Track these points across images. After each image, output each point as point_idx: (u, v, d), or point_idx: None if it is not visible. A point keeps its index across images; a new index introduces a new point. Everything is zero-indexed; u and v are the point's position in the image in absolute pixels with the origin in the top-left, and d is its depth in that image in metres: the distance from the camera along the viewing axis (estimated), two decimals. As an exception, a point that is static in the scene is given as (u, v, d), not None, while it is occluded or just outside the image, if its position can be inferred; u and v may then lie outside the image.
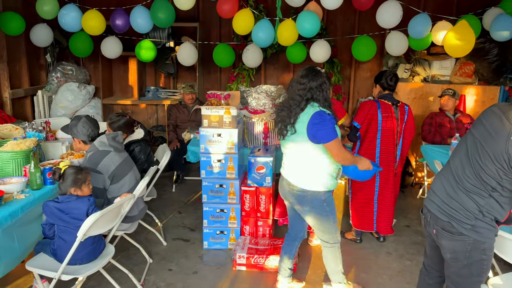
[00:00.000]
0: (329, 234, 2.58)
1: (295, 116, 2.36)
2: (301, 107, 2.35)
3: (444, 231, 1.90)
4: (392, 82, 3.31)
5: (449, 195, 1.90)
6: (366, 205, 3.44)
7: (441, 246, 1.96)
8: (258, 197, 3.40)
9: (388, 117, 3.28)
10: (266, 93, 3.85)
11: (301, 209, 2.52)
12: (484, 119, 1.85)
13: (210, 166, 3.28)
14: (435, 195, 1.98)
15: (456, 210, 1.86)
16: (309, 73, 2.38)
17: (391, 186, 3.39)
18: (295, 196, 2.48)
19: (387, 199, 3.42)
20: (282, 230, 3.75)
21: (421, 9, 4.32)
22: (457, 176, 1.89)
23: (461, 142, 1.96)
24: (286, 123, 2.40)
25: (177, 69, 5.76)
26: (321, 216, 2.50)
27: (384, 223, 3.47)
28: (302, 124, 2.34)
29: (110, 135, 2.88)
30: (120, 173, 2.79)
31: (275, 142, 3.82)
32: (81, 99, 5.32)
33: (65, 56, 5.58)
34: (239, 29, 4.36)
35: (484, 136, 1.81)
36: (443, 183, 1.96)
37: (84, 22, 4.39)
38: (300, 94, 2.36)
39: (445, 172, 1.99)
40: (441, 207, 1.92)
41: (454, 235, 1.87)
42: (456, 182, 1.89)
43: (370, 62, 5.61)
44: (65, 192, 2.35)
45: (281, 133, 2.45)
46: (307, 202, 2.46)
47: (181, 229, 3.82)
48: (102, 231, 2.39)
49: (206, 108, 3.22)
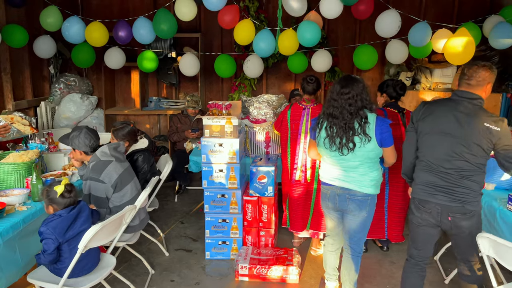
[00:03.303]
0: (363, 241, 2.64)
1: (362, 125, 2.37)
2: (363, 116, 2.38)
3: (460, 214, 2.22)
4: (402, 91, 3.34)
5: (453, 183, 2.22)
6: (377, 212, 3.36)
7: (459, 228, 2.24)
8: (260, 207, 3.39)
9: (396, 125, 3.27)
10: (267, 102, 3.87)
11: (358, 215, 2.51)
12: None
13: (212, 176, 3.28)
14: (434, 188, 2.27)
15: (465, 194, 2.20)
16: (348, 82, 2.41)
17: (401, 193, 3.36)
18: (356, 202, 2.48)
19: (398, 206, 3.38)
20: (283, 241, 3.73)
21: (421, 18, 4.34)
22: (448, 168, 2.23)
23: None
24: (350, 136, 2.38)
25: (179, 79, 5.79)
26: (369, 221, 2.58)
27: (395, 230, 3.43)
28: (372, 132, 2.39)
29: (111, 145, 2.89)
30: (122, 182, 2.80)
31: (276, 152, 3.82)
32: (84, 110, 5.35)
33: (68, 68, 5.63)
34: (240, 39, 4.38)
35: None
36: (438, 176, 2.26)
37: (87, 34, 4.43)
38: (350, 104, 2.38)
39: (430, 167, 2.31)
40: (450, 196, 2.22)
41: (467, 214, 2.21)
42: (449, 173, 2.23)
43: (372, 71, 5.62)
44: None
45: (345, 147, 2.40)
46: (367, 207, 2.50)
47: (183, 240, 3.81)
48: (103, 242, 2.39)
49: (208, 118, 3.24)
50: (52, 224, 2.27)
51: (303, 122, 3.35)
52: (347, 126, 2.38)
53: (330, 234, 2.75)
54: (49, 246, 2.26)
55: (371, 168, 2.47)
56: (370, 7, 4.20)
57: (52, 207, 2.35)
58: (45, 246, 2.27)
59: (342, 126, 2.39)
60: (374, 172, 2.49)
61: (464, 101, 2.22)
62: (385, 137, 2.41)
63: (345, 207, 2.53)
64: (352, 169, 2.46)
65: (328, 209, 2.63)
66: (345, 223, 2.61)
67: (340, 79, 2.48)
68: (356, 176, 2.47)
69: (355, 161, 2.44)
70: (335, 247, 2.76)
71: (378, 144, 2.40)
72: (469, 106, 2.21)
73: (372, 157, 2.45)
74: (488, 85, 2.24)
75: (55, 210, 2.35)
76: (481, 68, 2.21)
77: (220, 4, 4.10)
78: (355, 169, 2.46)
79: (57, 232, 2.26)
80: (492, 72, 2.23)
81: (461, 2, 5.38)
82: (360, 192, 2.47)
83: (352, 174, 2.47)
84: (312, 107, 3.36)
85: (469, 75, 2.22)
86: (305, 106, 3.37)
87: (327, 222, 2.75)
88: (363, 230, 2.59)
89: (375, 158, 2.47)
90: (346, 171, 2.48)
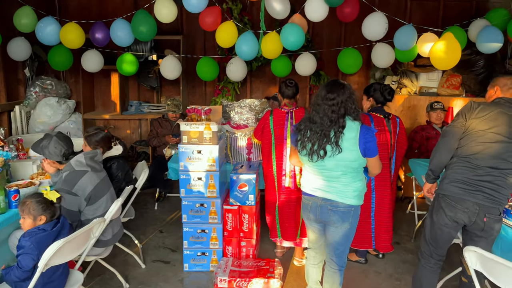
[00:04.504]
0: (346, 254, 2.54)
1: (337, 134, 2.24)
2: (341, 124, 2.25)
3: (495, 215, 2.28)
4: (390, 96, 3.22)
5: (496, 184, 2.26)
6: (363, 222, 3.24)
7: (491, 229, 2.29)
8: (241, 216, 3.25)
9: (381, 131, 3.17)
10: (250, 107, 3.75)
11: (340, 227, 2.39)
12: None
13: (190, 185, 3.13)
14: (476, 186, 2.28)
15: (503, 196, 2.27)
16: (334, 88, 2.29)
17: (387, 201, 3.26)
18: (339, 214, 2.36)
19: (384, 215, 3.27)
20: (265, 251, 3.60)
21: (406, 21, 4.27)
22: (492, 167, 2.27)
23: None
24: (323, 143, 2.26)
25: (161, 82, 5.63)
26: (352, 233, 2.46)
27: (383, 240, 3.31)
28: (352, 141, 2.25)
29: (88, 154, 2.72)
30: (97, 194, 2.63)
31: (259, 158, 3.70)
32: (61, 114, 5.15)
33: (45, 70, 5.42)
34: (222, 42, 4.26)
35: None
36: (480, 175, 2.28)
37: (62, 35, 4.25)
38: (333, 110, 2.25)
39: (473, 165, 2.32)
40: (491, 197, 2.26)
41: (499, 216, 2.30)
42: (492, 173, 2.26)
43: (357, 74, 5.55)
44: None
45: (316, 154, 2.28)
46: (350, 218, 2.38)
47: (161, 250, 3.64)
48: (68, 259, 2.22)
49: (186, 124, 3.09)
50: (36, 239, 2.08)
51: (287, 126, 3.24)
52: (323, 133, 2.26)
53: (312, 247, 2.63)
54: (28, 262, 2.07)
55: (354, 178, 2.35)
56: (356, 10, 4.11)
57: (33, 221, 2.14)
58: (23, 261, 2.07)
59: (318, 132, 2.28)
60: (358, 182, 2.37)
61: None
62: (369, 146, 2.29)
63: (327, 219, 2.41)
64: (334, 179, 2.34)
65: (310, 220, 2.51)
66: (327, 236, 2.49)
67: (327, 84, 2.35)
68: (338, 186, 2.34)
69: (337, 171, 2.32)
70: (317, 260, 2.64)
71: (362, 154, 2.29)
72: None
73: (355, 167, 2.33)
74: None
75: (37, 224, 2.15)
76: None
77: (201, 6, 3.96)
78: (338, 179, 2.34)
79: (39, 248, 2.07)
80: None
81: (446, 5, 5.35)
82: (342, 203, 2.35)
83: (334, 184, 2.35)
84: (295, 111, 3.25)
85: (511, 84, 2.36)
86: (288, 110, 3.25)
87: (308, 234, 2.62)
88: (346, 243, 2.47)
89: (358, 168, 2.35)
90: (328, 181, 2.36)
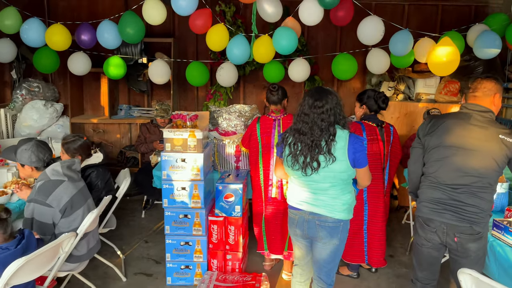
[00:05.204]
0: (334, 272, 2.39)
1: (328, 143, 2.10)
2: (332, 132, 2.12)
3: (467, 235, 2.09)
4: (384, 104, 3.09)
5: (461, 201, 2.09)
6: (355, 236, 3.09)
7: (466, 250, 2.12)
8: (226, 228, 3.10)
9: (373, 140, 3.02)
10: (239, 113, 3.60)
11: (328, 243, 2.23)
12: None
13: (173, 195, 2.98)
14: (442, 205, 2.14)
15: (474, 213, 2.08)
16: (322, 95, 2.15)
17: (381, 214, 3.10)
18: (327, 229, 2.20)
19: (377, 228, 3.11)
20: (253, 264, 3.44)
21: (404, 26, 4.15)
22: (457, 184, 2.11)
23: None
24: (315, 154, 2.11)
25: (152, 86, 5.49)
26: (341, 249, 2.31)
27: (376, 254, 3.15)
28: (342, 150, 2.11)
29: (65, 163, 2.56)
30: (73, 206, 2.47)
31: (247, 166, 3.54)
32: (48, 118, 5.00)
33: (33, 73, 5.27)
34: (213, 45, 4.11)
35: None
36: (446, 194, 2.13)
37: (48, 37, 4.11)
38: (323, 119, 2.11)
39: (437, 183, 2.18)
40: (458, 215, 2.10)
41: (474, 236, 2.09)
42: (458, 190, 2.10)
43: (353, 80, 5.40)
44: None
45: (309, 167, 2.12)
46: (338, 234, 2.23)
47: (145, 262, 3.49)
48: (33, 277, 2.05)
49: (169, 131, 2.94)
50: (1, 259, 1.92)
51: (274, 134, 3.09)
52: (314, 143, 2.11)
53: (298, 263, 2.47)
54: None
55: (343, 191, 2.21)
56: (350, 13, 3.97)
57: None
58: None
59: (309, 144, 2.12)
60: (347, 195, 2.23)
61: (474, 113, 2.13)
62: (359, 157, 2.15)
63: (314, 235, 2.25)
64: (322, 192, 2.19)
65: (296, 236, 2.35)
66: (315, 252, 2.33)
67: (312, 91, 2.20)
68: (326, 199, 2.19)
69: (325, 183, 2.17)
70: (304, 277, 2.48)
71: (351, 164, 2.14)
72: (480, 118, 2.11)
73: (345, 179, 2.18)
74: (496, 96, 2.15)
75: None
76: (484, 79, 2.17)
77: (191, 8, 3.81)
78: (325, 192, 2.19)
79: (5, 268, 1.88)
80: (497, 83, 2.17)
81: (444, 10, 5.22)
82: (331, 218, 2.20)
83: (321, 197, 2.20)
84: (283, 118, 3.10)
85: (474, 88, 2.18)
86: (275, 118, 3.11)
87: (295, 251, 2.46)
88: (334, 260, 2.32)
89: (347, 180, 2.21)
90: (315, 193, 2.21)
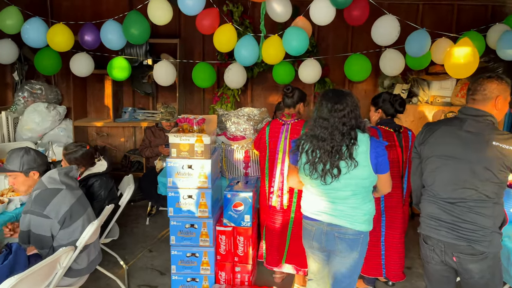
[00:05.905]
0: (352, 287, 2.20)
1: (350, 147, 1.96)
2: (353, 136, 1.98)
3: (466, 255, 1.93)
4: (401, 107, 2.92)
5: (457, 217, 1.92)
6: (372, 247, 2.86)
7: (467, 271, 1.95)
8: (235, 239, 2.94)
9: (391, 146, 2.83)
10: (248, 116, 3.44)
11: (348, 256, 2.08)
12: None
13: (179, 203, 2.82)
14: (438, 222, 1.99)
15: (472, 231, 1.90)
16: (341, 98, 2.00)
17: (399, 225, 2.92)
18: (347, 241, 2.05)
19: (395, 239, 2.92)
20: (263, 276, 3.26)
21: (418, 25, 3.97)
22: (453, 198, 1.94)
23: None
24: (335, 160, 1.96)
25: (157, 88, 5.34)
26: (361, 263, 2.14)
27: (394, 267, 2.95)
28: (364, 155, 1.97)
29: (62, 170, 2.40)
30: (72, 216, 2.31)
31: (257, 173, 3.38)
32: (50, 121, 4.86)
33: (35, 74, 5.14)
34: (220, 46, 3.96)
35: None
36: (441, 208, 1.98)
37: (49, 37, 3.98)
38: (344, 123, 1.97)
39: (434, 197, 2.03)
40: (455, 233, 1.93)
41: (476, 256, 1.91)
42: (454, 204, 1.94)
43: (365, 82, 5.23)
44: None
45: (329, 174, 1.97)
46: (359, 246, 2.07)
47: (149, 272, 3.33)
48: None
49: (175, 136, 2.78)
50: None
51: (281, 139, 2.92)
52: (334, 149, 1.95)
53: (313, 278, 2.30)
54: None
55: (364, 200, 2.05)
56: (366, 12, 3.78)
57: None
58: None
59: (328, 150, 1.96)
60: (368, 204, 2.07)
61: (468, 118, 1.94)
62: (381, 161, 2.01)
63: (333, 247, 2.09)
64: (341, 201, 2.03)
65: (312, 249, 2.18)
66: (332, 266, 2.16)
67: (329, 94, 2.04)
68: (346, 209, 2.03)
69: (346, 191, 2.01)
70: None
71: (374, 170, 1.99)
72: (474, 124, 1.92)
73: (367, 186, 2.04)
74: (499, 98, 1.93)
75: None
76: (485, 80, 1.94)
77: (198, 8, 3.67)
78: (345, 201, 2.03)
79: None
80: (500, 83, 1.93)
81: (460, 9, 5.03)
82: (351, 229, 2.04)
83: (340, 207, 2.03)
84: (292, 123, 2.93)
85: (473, 89, 2.00)
86: (285, 122, 2.94)
87: (310, 264, 2.29)
88: (353, 275, 2.14)
89: (369, 187, 2.06)
90: (333, 203, 2.04)
